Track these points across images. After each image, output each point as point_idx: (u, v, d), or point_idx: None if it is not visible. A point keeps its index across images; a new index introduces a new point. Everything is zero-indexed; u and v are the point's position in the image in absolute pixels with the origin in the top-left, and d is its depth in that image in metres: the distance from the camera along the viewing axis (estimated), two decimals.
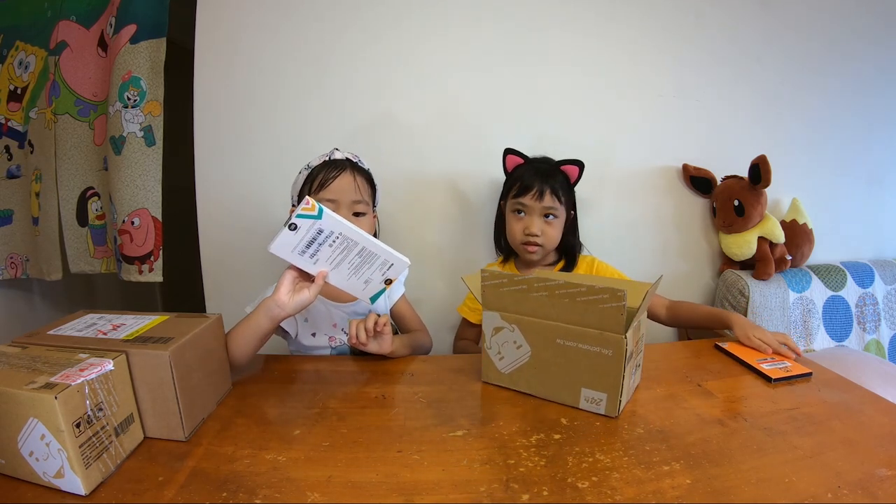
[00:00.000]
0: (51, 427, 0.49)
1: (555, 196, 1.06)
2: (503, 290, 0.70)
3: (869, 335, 1.43)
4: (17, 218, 1.33)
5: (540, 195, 1.06)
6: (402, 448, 0.59)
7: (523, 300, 0.69)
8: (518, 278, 0.69)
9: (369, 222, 0.97)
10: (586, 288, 0.64)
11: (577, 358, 0.67)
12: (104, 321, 0.68)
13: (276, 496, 0.51)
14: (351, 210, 0.92)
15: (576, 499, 0.50)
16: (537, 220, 1.08)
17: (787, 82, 1.44)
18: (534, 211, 1.08)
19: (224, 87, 1.24)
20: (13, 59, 1.27)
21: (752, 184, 1.33)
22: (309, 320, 0.96)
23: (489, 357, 0.75)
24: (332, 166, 0.93)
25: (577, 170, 1.12)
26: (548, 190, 1.06)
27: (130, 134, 1.18)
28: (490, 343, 0.74)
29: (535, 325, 0.70)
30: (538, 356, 0.70)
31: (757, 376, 0.79)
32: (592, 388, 0.67)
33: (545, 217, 1.08)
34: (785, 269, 1.40)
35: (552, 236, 1.09)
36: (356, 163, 0.97)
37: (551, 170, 1.10)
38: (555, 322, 0.68)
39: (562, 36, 1.32)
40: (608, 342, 0.65)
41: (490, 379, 0.76)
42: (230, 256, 1.30)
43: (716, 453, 0.58)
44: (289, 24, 1.24)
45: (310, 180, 0.93)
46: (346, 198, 0.91)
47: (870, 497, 0.50)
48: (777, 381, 0.76)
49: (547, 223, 1.08)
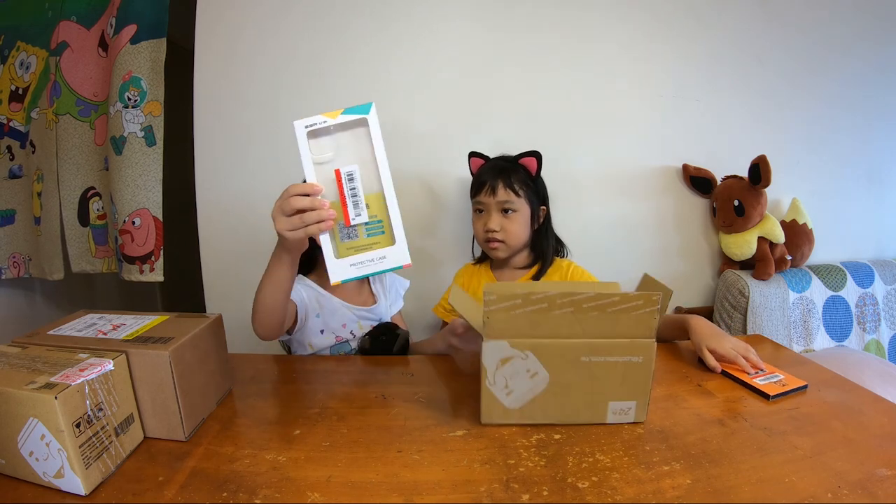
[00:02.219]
0: (51, 427, 0.49)
1: (510, 189, 1.04)
2: (516, 312, 0.60)
3: (869, 335, 1.43)
4: (20, 218, 1.33)
5: (493, 190, 1.05)
6: (402, 448, 0.59)
7: (542, 321, 0.60)
8: (537, 296, 0.59)
9: None
10: (619, 297, 0.59)
11: (605, 372, 0.62)
12: (104, 321, 0.68)
13: (276, 496, 0.51)
14: None
15: (576, 499, 0.50)
16: (495, 216, 1.06)
17: (787, 82, 1.44)
18: (491, 207, 1.06)
19: (224, 87, 1.25)
20: (14, 59, 1.27)
21: (752, 184, 1.33)
22: (321, 316, 0.95)
23: (492, 395, 0.63)
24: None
25: (535, 161, 1.09)
26: (500, 184, 1.04)
27: (131, 134, 1.18)
28: (494, 379, 0.63)
29: (554, 346, 0.61)
30: (558, 380, 0.63)
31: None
32: (621, 398, 0.63)
33: (503, 212, 1.06)
34: (785, 269, 1.40)
35: (513, 231, 1.06)
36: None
37: (508, 165, 1.08)
38: (580, 339, 0.61)
39: (561, 36, 1.32)
40: (638, 349, 0.61)
41: (494, 419, 0.65)
42: (230, 256, 1.30)
43: (716, 453, 0.58)
44: (288, 24, 1.24)
45: None
46: None
47: (870, 497, 0.50)
48: (775, 398, 0.71)
49: (506, 218, 1.06)
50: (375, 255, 0.62)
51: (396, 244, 0.61)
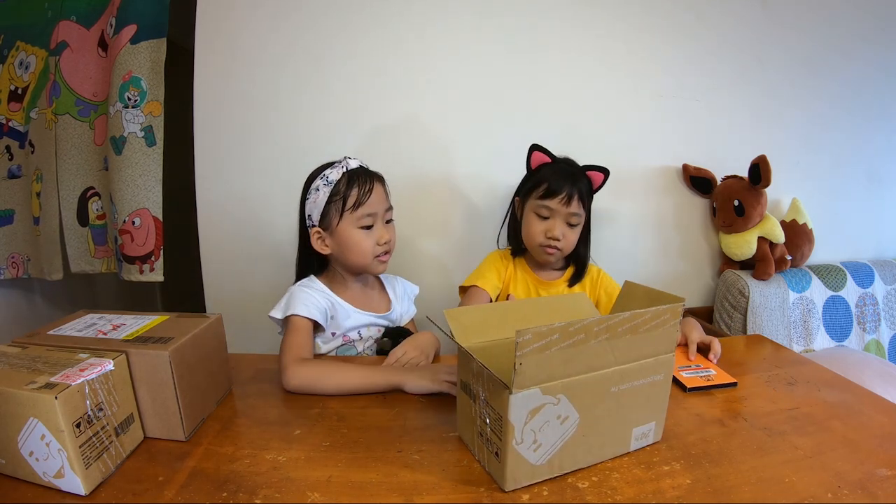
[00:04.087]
0: (51, 427, 0.49)
1: (581, 202, 1.04)
2: (551, 351, 0.49)
3: (869, 335, 1.43)
4: (19, 218, 1.33)
5: (568, 200, 1.02)
6: (402, 448, 0.59)
7: (576, 356, 0.51)
8: (575, 327, 0.50)
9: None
10: (650, 314, 0.54)
11: (631, 399, 0.57)
12: (104, 321, 0.68)
13: (277, 496, 0.51)
14: (384, 219, 0.92)
15: (576, 499, 0.50)
16: (560, 224, 1.04)
17: (787, 82, 1.45)
18: (558, 215, 1.04)
19: (224, 87, 1.25)
20: (14, 59, 1.27)
21: (752, 184, 1.33)
22: (334, 318, 0.92)
23: (519, 455, 0.51)
24: (359, 180, 0.89)
25: (602, 177, 1.09)
26: (576, 195, 1.02)
27: (131, 134, 1.18)
28: (521, 437, 0.51)
29: (586, 383, 0.53)
30: (587, 419, 0.54)
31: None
32: (643, 423, 0.59)
33: (568, 224, 1.05)
34: (785, 269, 1.40)
35: (572, 241, 1.06)
36: (376, 172, 0.94)
37: (578, 173, 1.07)
38: (611, 368, 0.54)
39: (561, 36, 1.32)
40: (661, 366, 0.57)
41: (520, 482, 0.53)
42: (230, 256, 1.30)
43: (716, 453, 0.58)
44: (288, 24, 1.24)
45: (339, 198, 0.88)
46: (382, 208, 0.91)
47: (870, 497, 0.50)
48: (692, 391, 0.72)
49: (570, 228, 1.05)
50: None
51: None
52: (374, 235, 0.90)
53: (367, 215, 0.88)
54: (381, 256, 0.92)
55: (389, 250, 0.94)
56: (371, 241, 0.89)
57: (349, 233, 0.89)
